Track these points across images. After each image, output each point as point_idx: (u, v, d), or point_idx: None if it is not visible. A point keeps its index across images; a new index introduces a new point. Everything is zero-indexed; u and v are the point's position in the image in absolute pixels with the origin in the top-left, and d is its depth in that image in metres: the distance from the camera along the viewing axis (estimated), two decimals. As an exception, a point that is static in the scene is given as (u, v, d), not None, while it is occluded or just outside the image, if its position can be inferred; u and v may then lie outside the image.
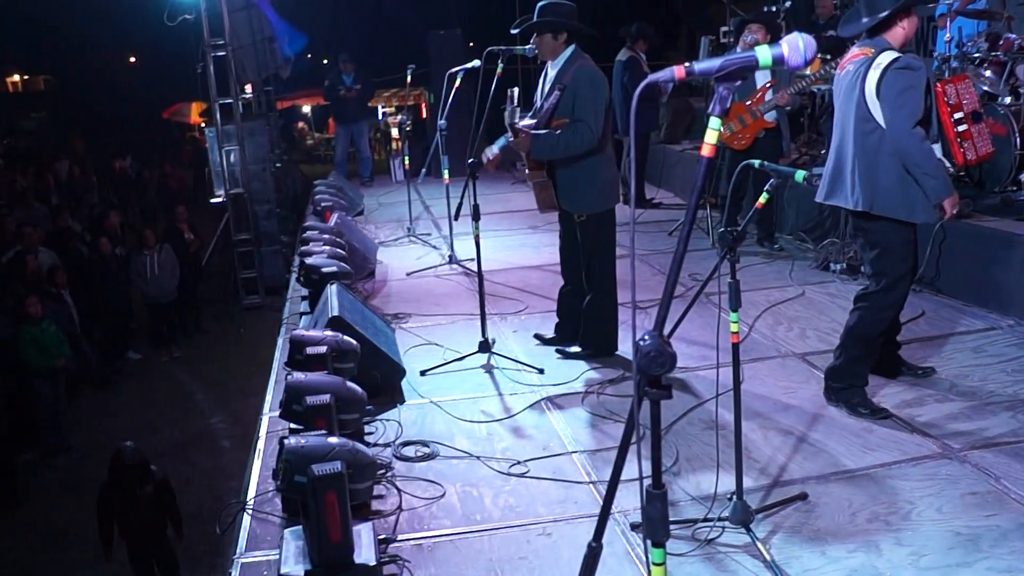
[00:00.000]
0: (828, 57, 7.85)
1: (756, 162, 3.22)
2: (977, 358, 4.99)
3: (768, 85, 7.07)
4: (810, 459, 4.02)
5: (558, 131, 4.80)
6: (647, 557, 1.85)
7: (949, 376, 4.81)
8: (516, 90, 4.92)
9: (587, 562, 1.88)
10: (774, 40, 7.09)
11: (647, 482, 1.77)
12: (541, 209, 5.17)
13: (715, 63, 1.64)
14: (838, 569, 3.19)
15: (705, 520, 3.45)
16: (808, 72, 7.75)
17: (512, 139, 4.88)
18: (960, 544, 3.29)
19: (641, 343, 1.66)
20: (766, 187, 3.12)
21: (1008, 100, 6.88)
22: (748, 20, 7.22)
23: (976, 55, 7.26)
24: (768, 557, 3.22)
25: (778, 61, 1.66)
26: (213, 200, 12.92)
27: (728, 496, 3.50)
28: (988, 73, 7.26)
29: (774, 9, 8.83)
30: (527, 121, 4.90)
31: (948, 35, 7.56)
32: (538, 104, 5.04)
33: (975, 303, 5.84)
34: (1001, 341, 5.16)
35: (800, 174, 3.08)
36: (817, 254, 7.21)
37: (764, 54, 1.66)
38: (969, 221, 6.04)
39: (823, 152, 8.40)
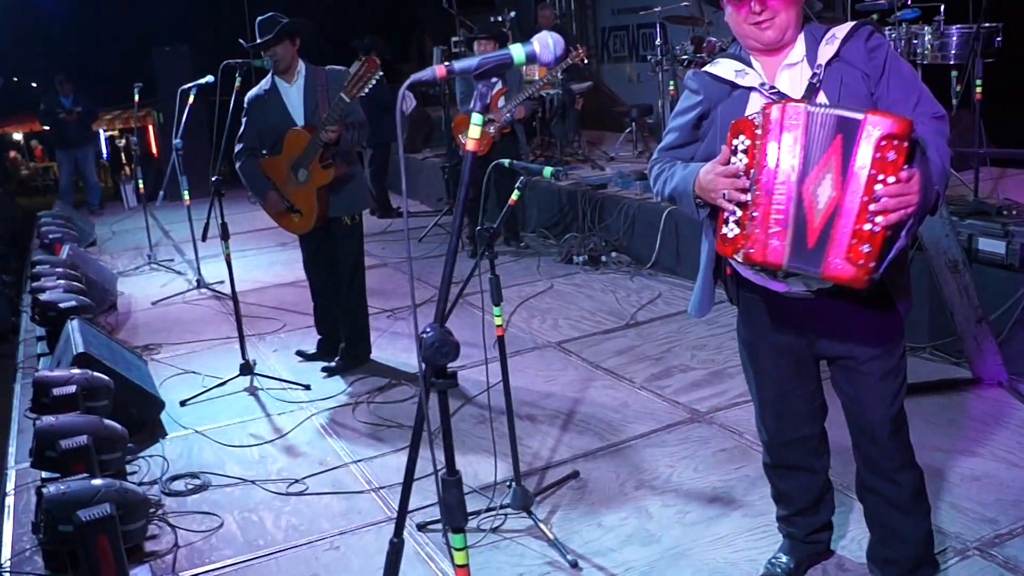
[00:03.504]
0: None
1: (506, 161, 3.36)
2: (711, 329, 5.46)
3: (500, 91, 7.35)
4: (577, 438, 4.24)
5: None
6: (448, 544, 1.91)
7: (689, 347, 5.24)
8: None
9: (390, 559, 1.90)
10: (503, 46, 7.48)
11: (441, 474, 1.82)
12: (310, 225, 5.05)
13: (473, 62, 1.73)
14: (615, 537, 3.39)
15: (488, 509, 3.56)
16: (536, 77, 8.14)
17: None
18: (717, 497, 3.61)
19: (424, 335, 1.72)
20: (517, 184, 3.26)
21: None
22: (476, 36, 7.49)
23: (684, 57, 7.94)
24: (551, 536, 3.37)
25: (531, 58, 1.77)
26: (-85, 243, 11.61)
27: (507, 484, 3.64)
28: (695, 72, 7.96)
29: (500, 19, 9.18)
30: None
31: (659, 40, 8.23)
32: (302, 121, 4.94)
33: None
34: (730, 312, 5.60)
35: (548, 170, 3.24)
36: (560, 248, 7.58)
37: (518, 52, 1.76)
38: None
39: (556, 153, 8.86)
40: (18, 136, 17.96)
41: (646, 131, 9.52)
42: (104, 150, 15.44)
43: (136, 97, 8.26)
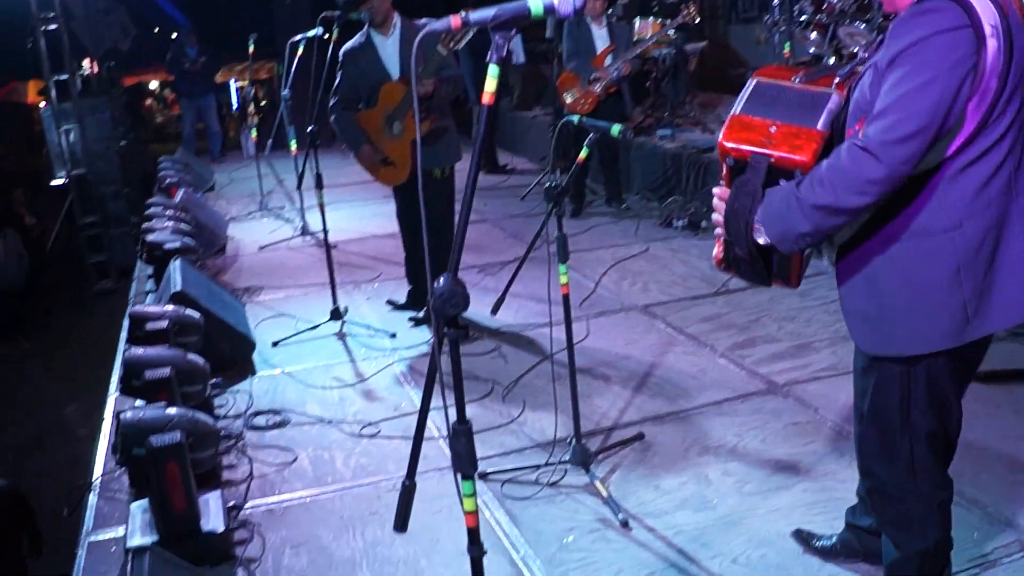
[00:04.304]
0: (667, 21, 8.11)
1: (575, 118, 3.32)
2: (803, 301, 5.31)
3: (608, 49, 7.25)
4: (648, 402, 4.23)
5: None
6: (459, 490, 1.95)
7: (778, 318, 5.12)
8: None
9: (401, 499, 1.96)
10: (612, 3, 7.37)
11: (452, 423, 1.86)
12: (404, 176, 5.14)
13: (490, 12, 1.69)
14: (671, 500, 3.39)
15: (547, 464, 3.60)
16: (647, 36, 8.00)
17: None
18: (780, 469, 3.54)
19: (436, 286, 1.75)
20: (585, 142, 3.24)
21: (832, 61, 7.28)
22: None
23: (802, 18, 7.65)
24: (605, 494, 3.38)
25: (549, 10, 1.71)
26: (54, 183, 12.36)
27: (568, 440, 3.66)
28: (814, 35, 7.67)
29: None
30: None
31: (776, -1, 7.95)
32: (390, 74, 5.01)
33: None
34: (825, 285, 5.47)
35: (616, 128, 3.19)
36: (661, 211, 7.48)
37: (536, 4, 1.71)
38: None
39: (666, 115, 8.71)
40: (154, 85, 18.83)
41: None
42: (235, 100, 16.00)
43: (251, 48, 8.52)
